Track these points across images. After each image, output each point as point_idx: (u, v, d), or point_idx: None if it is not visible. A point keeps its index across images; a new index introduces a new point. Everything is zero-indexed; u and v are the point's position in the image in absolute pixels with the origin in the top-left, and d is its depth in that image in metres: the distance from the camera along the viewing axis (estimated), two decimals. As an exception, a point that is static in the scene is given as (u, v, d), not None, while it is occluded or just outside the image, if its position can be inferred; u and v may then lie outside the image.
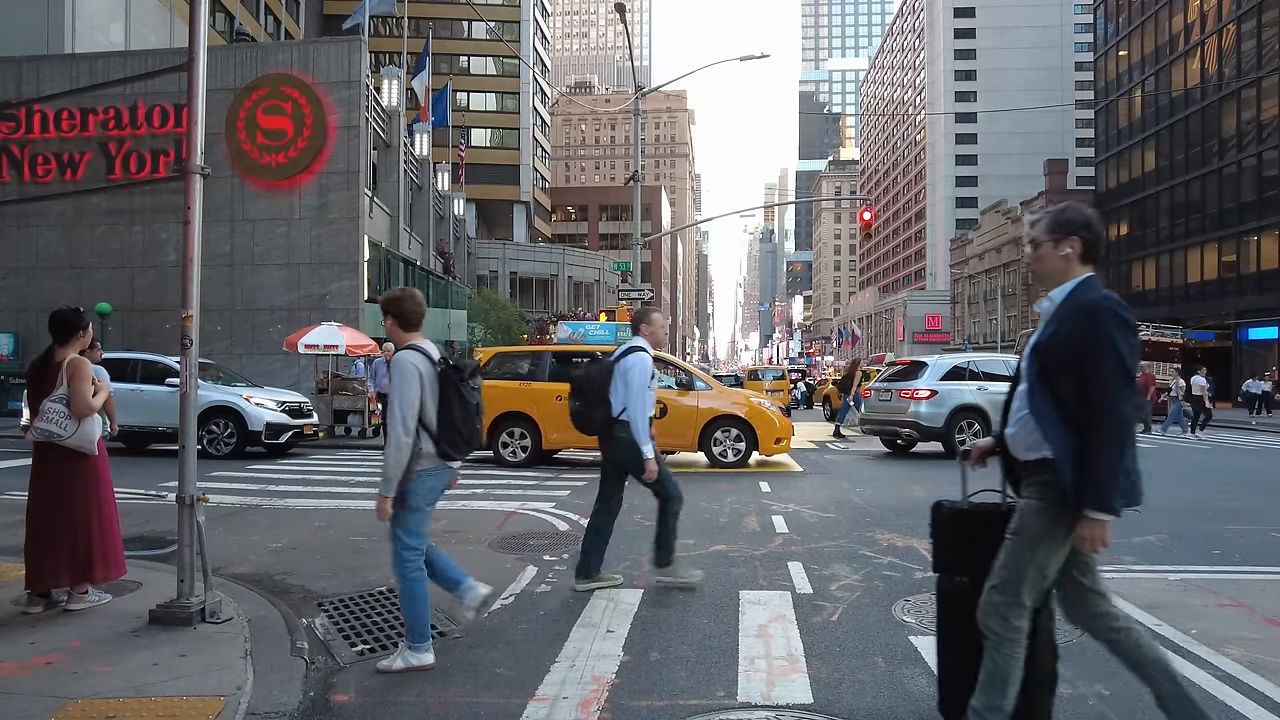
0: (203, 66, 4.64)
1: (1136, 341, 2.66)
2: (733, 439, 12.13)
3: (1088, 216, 2.82)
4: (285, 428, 13.54)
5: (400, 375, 3.88)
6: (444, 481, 4.06)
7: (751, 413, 12.26)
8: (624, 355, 5.33)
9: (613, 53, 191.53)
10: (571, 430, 12.08)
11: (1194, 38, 43.03)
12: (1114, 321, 2.63)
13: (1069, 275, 2.79)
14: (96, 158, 23.36)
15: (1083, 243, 2.78)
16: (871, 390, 15.56)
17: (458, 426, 3.94)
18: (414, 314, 4.09)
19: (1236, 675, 3.80)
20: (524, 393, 12.32)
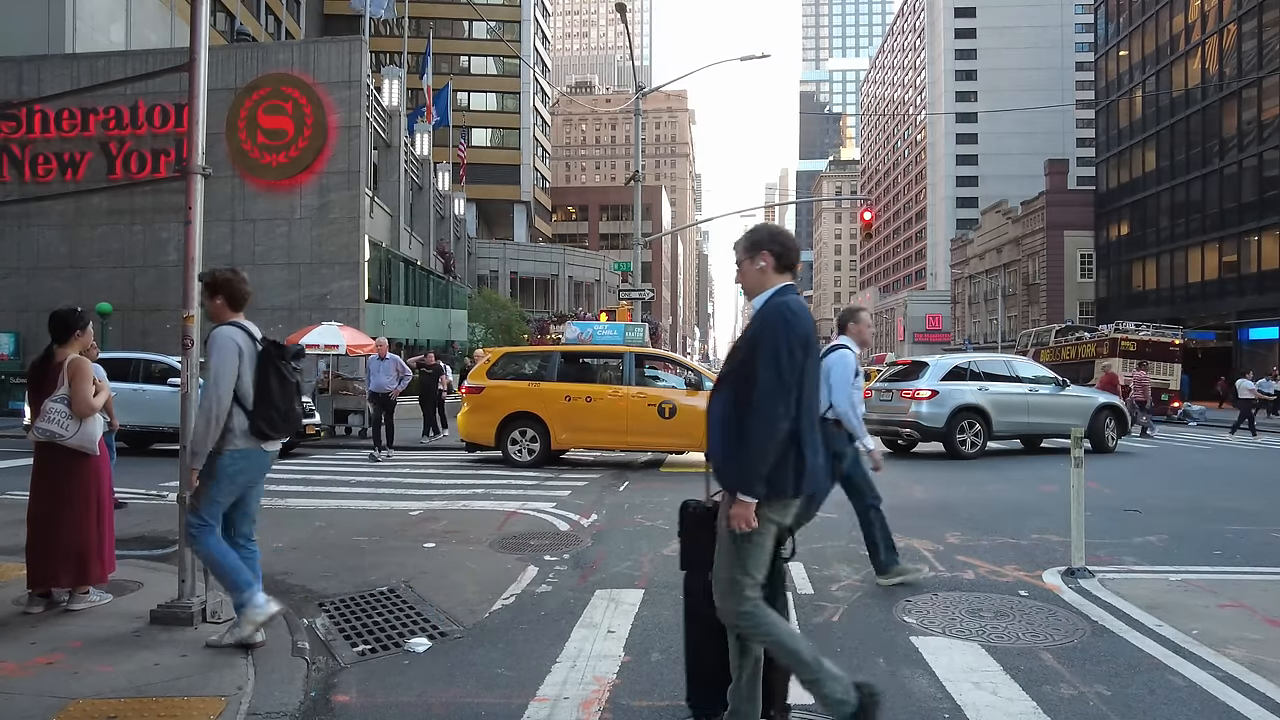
0: (204, 66, 4.64)
1: (799, 344, 2.84)
2: None
3: (774, 232, 3.09)
4: None
5: (218, 349, 3.89)
6: (256, 464, 4.05)
7: None
8: (828, 353, 5.34)
9: (613, 52, 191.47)
10: (581, 430, 12.32)
11: (1195, 38, 43.01)
12: (778, 324, 2.85)
13: (766, 285, 3.01)
14: (97, 157, 23.38)
15: (773, 255, 3.02)
16: (872, 390, 15.56)
17: (275, 404, 3.94)
18: (244, 294, 4.13)
19: (1237, 676, 3.80)
20: (533, 393, 12.30)
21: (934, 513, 8.29)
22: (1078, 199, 57.40)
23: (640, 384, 12.48)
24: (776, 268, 3.03)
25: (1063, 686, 3.70)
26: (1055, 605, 5.00)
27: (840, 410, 5.30)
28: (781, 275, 3.03)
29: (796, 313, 2.89)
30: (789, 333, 2.84)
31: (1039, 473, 11.77)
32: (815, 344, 2.96)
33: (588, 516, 8.02)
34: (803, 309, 2.94)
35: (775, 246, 3.03)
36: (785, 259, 3.04)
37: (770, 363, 2.80)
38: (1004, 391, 14.10)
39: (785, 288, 3.01)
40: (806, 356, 2.87)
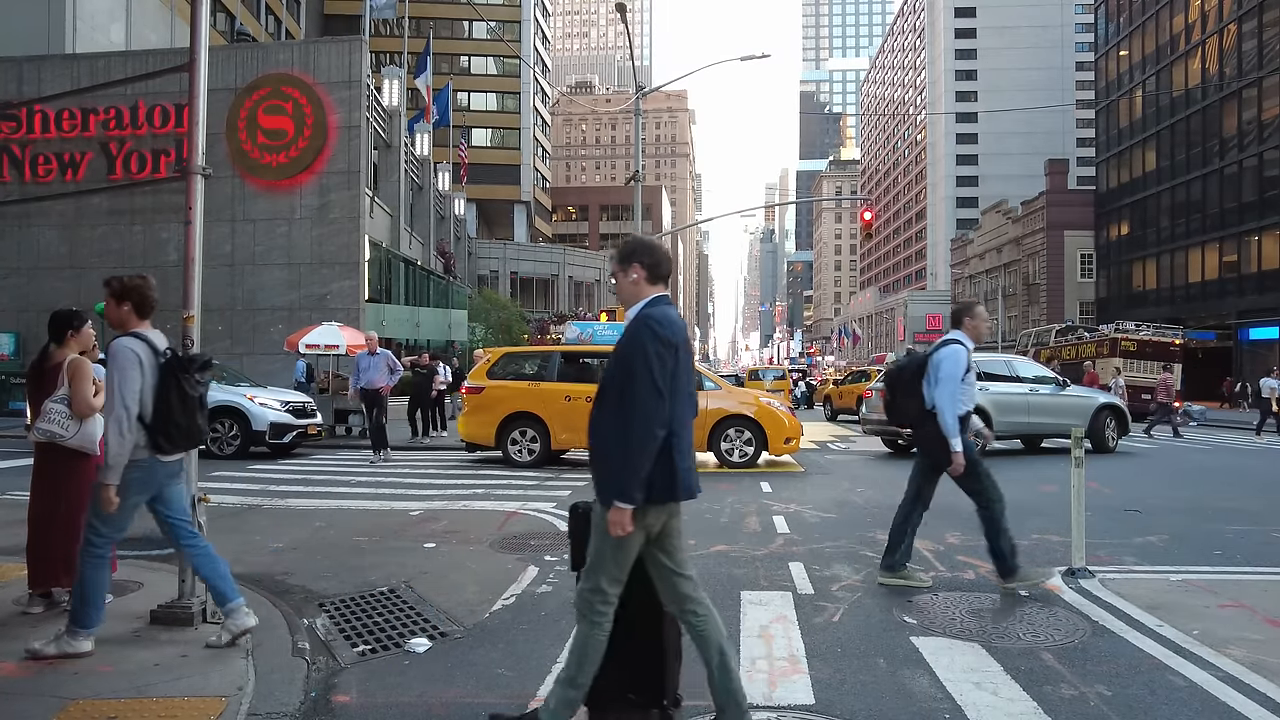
0: (204, 66, 4.64)
1: (668, 352, 2.90)
2: (742, 439, 12.10)
3: (646, 244, 3.16)
4: (289, 428, 13.49)
5: (120, 362, 3.81)
6: (157, 474, 3.99)
7: (761, 412, 12.22)
8: (940, 348, 5.31)
9: (613, 52, 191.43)
10: (581, 431, 12.17)
11: (1195, 37, 43.00)
12: (644, 334, 2.91)
13: (639, 297, 3.07)
14: (97, 158, 23.39)
15: (644, 267, 3.07)
16: (872, 390, 15.55)
17: (175, 419, 3.87)
18: (152, 302, 4.06)
19: (1238, 676, 3.80)
20: (533, 393, 12.29)
21: (934, 512, 8.23)
22: (1078, 199, 57.39)
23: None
24: (649, 279, 3.08)
25: (1063, 687, 3.70)
26: (1056, 605, 4.99)
27: (938, 406, 5.18)
28: (654, 286, 3.10)
29: (662, 322, 2.95)
30: (656, 342, 2.89)
31: (1039, 473, 11.77)
32: (685, 350, 3.01)
33: (588, 516, 8.01)
34: (668, 318, 2.99)
35: (646, 258, 3.09)
36: (657, 271, 3.09)
37: (643, 374, 2.86)
38: (1004, 391, 14.05)
39: (657, 299, 3.07)
40: (676, 364, 2.94)
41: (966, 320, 5.42)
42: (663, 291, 3.11)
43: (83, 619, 3.83)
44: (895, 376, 5.59)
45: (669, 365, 2.90)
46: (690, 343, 3.14)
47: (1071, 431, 6.01)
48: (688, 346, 3.06)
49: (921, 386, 5.33)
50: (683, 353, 2.98)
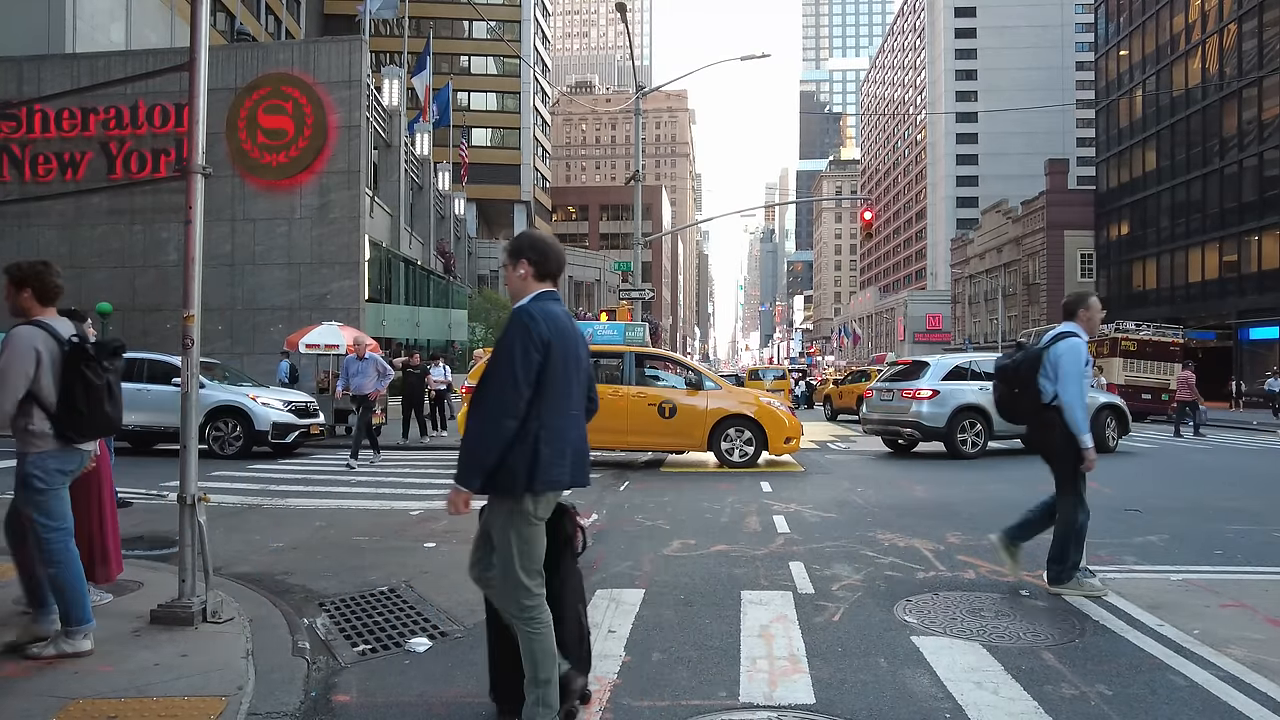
0: (204, 66, 4.64)
1: (536, 347, 2.96)
2: (742, 439, 12.08)
3: (534, 240, 3.22)
4: (292, 427, 13.48)
5: (14, 349, 3.70)
6: (70, 464, 3.93)
7: (761, 412, 12.21)
8: (1055, 341, 5.16)
9: (613, 52, 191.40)
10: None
11: (1195, 37, 42.99)
12: (517, 328, 2.98)
13: (526, 292, 3.13)
14: (97, 157, 23.39)
15: (531, 263, 3.13)
16: (873, 390, 15.55)
17: (78, 407, 3.80)
18: (56, 288, 3.95)
19: (1239, 676, 3.79)
20: None
21: (935, 512, 8.29)
22: (1078, 199, 57.38)
23: (640, 384, 12.49)
24: (536, 275, 3.13)
25: (1064, 686, 3.70)
26: (1056, 605, 4.99)
27: (1067, 402, 5.03)
28: (541, 282, 3.15)
29: (537, 317, 2.99)
30: (526, 336, 2.96)
31: (1039, 473, 11.71)
32: (563, 347, 3.04)
33: (587, 516, 8.01)
34: (547, 313, 3.03)
35: (534, 255, 3.14)
36: (544, 267, 3.14)
37: (505, 365, 2.94)
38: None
39: (541, 294, 3.12)
40: (547, 359, 2.97)
41: (1081, 312, 5.28)
42: (549, 288, 3.16)
43: (73, 617, 3.81)
44: (1010, 372, 5.36)
45: (535, 360, 2.95)
46: (579, 339, 3.19)
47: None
48: (573, 342, 3.11)
49: (1037, 382, 5.16)
50: (559, 348, 3.02)
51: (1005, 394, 5.42)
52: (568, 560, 3.32)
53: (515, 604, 3.02)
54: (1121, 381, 25.66)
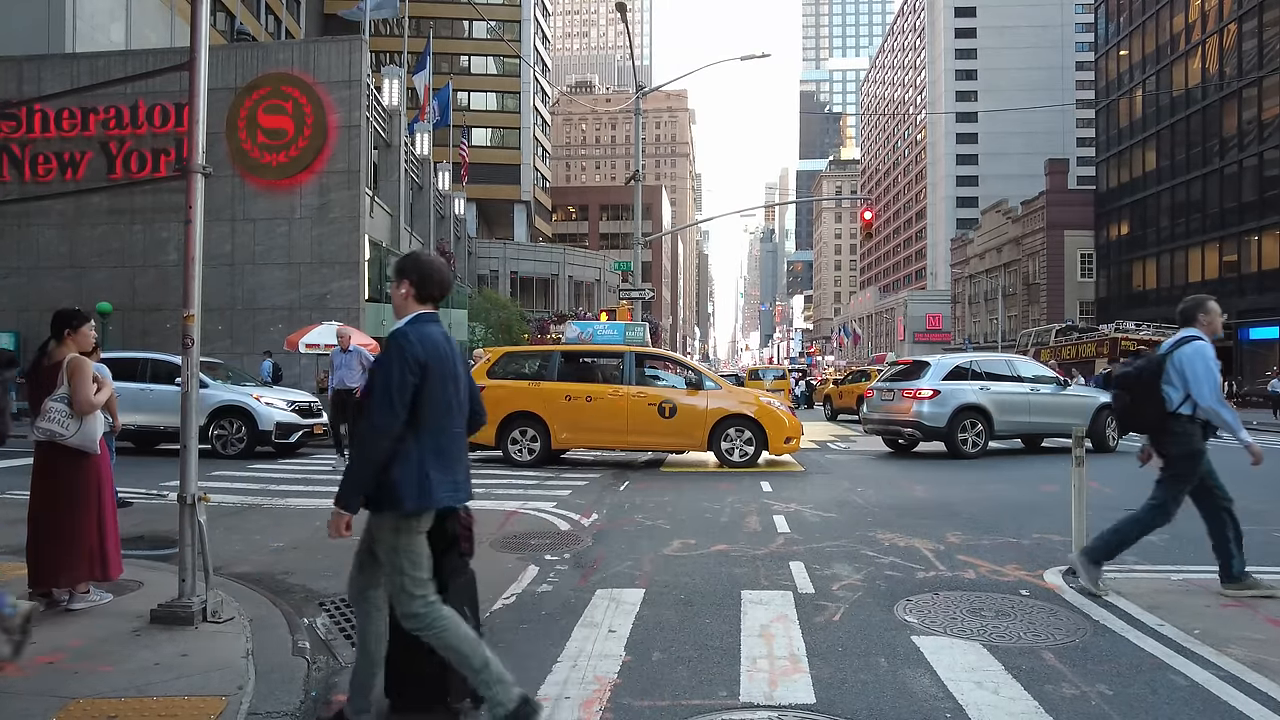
0: (204, 66, 4.63)
1: (412, 370, 3.02)
2: (743, 439, 12.07)
3: (418, 261, 3.26)
4: (295, 427, 13.44)
5: None
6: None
7: (761, 412, 12.19)
8: (1177, 346, 5.05)
9: (613, 52, 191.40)
10: (581, 430, 12.36)
11: (1195, 37, 43.00)
12: (393, 350, 3.04)
13: (405, 312, 3.20)
14: (97, 157, 23.37)
15: (411, 284, 3.19)
16: (874, 390, 15.56)
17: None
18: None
19: (1239, 675, 3.79)
20: (533, 392, 12.29)
21: (935, 512, 8.28)
22: (1078, 199, 57.39)
23: (640, 383, 12.48)
24: (416, 297, 3.19)
25: (1064, 686, 3.69)
26: (1057, 604, 4.99)
27: (1207, 407, 4.92)
28: (421, 305, 3.20)
29: (412, 339, 3.05)
30: (402, 359, 3.01)
31: (1040, 472, 11.77)
32: (440, 368, 3.10)
33: (588, 516, 8.01)
34: (424, 336, 3.09)
35: (415, 275, 3.19)
36: (424, 289, 3.19)
37: (381, 389, 2.99)
38: (1006, 391, 14.06)
39: (419, 316, 3.17)
40: (424, 380, 3.04)
41: (1200, 316, 5.18)
42: (428, 310, 3.23)
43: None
44: (1133, 380, 5.19)
45: (410, 382, 3.01)
46: (457, 358, 3.25)
47: (1073, 431, 6.01)
48: (450, 362, 3.17)
49: (1160, 389, 5.04)
50: (436, 369, 3.08)
51: (1127, 404, 5.25)
52: (454, 560, 3.38)
53: (412, 615, 3.08)
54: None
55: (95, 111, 23.17)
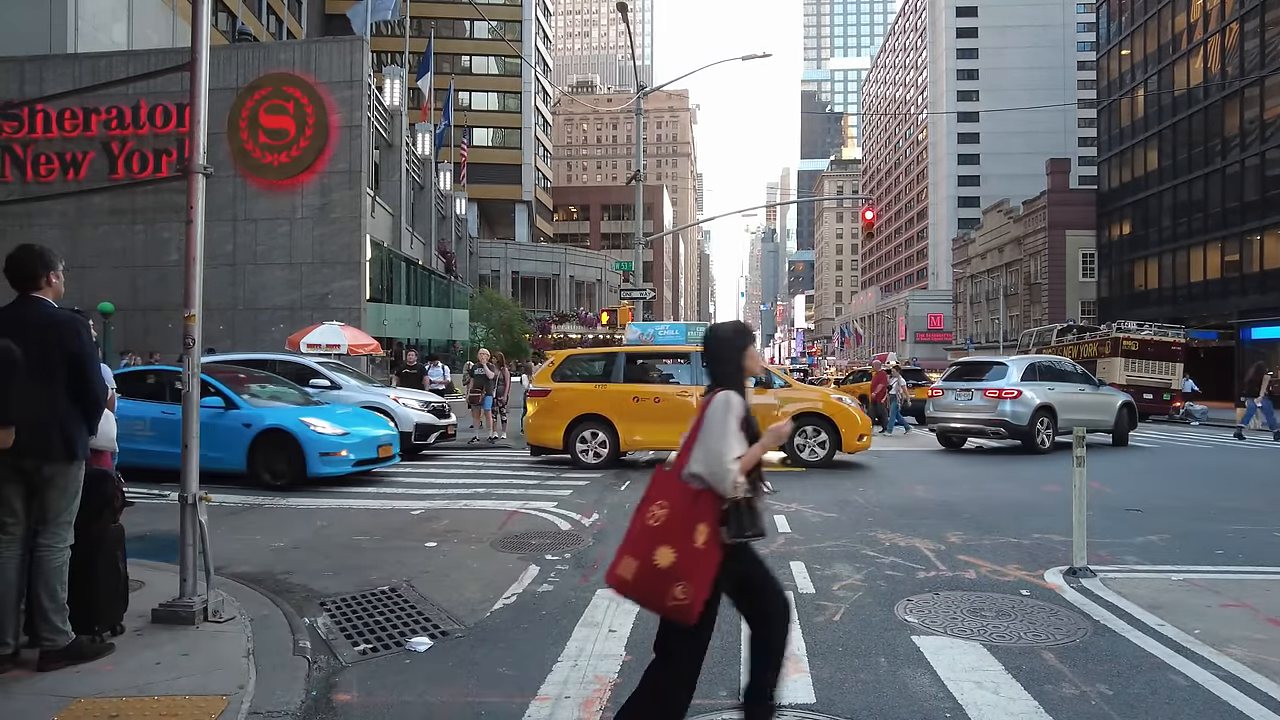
0: (205, 66, 4.64)
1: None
2: (816, 438, 11.99)
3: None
4: (433, 428, 12.93)
5: None
6: None
7: (834, 409, 12.10)
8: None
9: (614, 52, 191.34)
10: (650, 432, 12.17)
11: (1196, 37, 42.94)
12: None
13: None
14: (99, 157, 23.41)
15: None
16: (943, 389, 15.80)
17: None
18: None
19: (1240, 675, 3.79)
20: (600, 395, 12.16)
21: (936, 512, 8.28)
22: (1079, 198, 57.31)
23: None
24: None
25: (1065, 686, 3.70)
26: (1057, 605, 4.99)
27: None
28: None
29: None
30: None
31: (1041, 472, 11.76)
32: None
33: (589, 516, 8.02)
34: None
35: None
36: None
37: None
38: (1065, 390, 15.02)
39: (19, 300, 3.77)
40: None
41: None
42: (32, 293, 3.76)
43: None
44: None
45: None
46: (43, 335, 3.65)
47: (1074, 430, 6.02)
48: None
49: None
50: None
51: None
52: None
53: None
54: (1123, 381, 25.61)
55: (97, 112, 23.21)
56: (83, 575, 3.89)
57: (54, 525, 3.69)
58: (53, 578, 3.66)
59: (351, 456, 9.81)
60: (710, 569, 2.71)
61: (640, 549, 2.71)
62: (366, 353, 17.95)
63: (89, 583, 3.94)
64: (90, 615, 3.93)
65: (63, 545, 3.71)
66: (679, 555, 2.66)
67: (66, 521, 3.75)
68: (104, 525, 4.10)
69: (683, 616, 2.69)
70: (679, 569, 2.66)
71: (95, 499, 4.02)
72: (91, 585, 3.96)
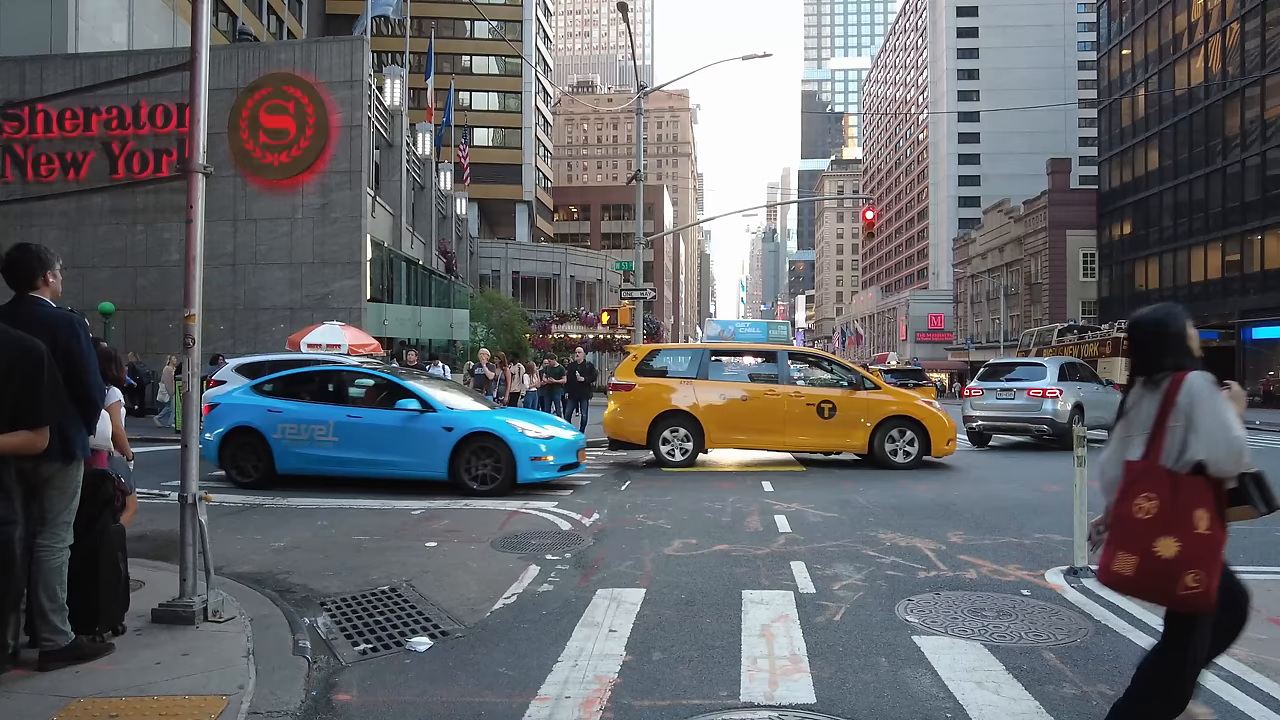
0: (205, 66, 4.64)
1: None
2: (905, 440, 11.89)
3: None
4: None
5: None
6: None
7: (923, 412, 12.01)
8: None
9: (615, 52, 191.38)
10: (736, 430, 12.15)
11: (1197, 36, 42.94)
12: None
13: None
14: (99, 157, 23.41)
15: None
16: (981, 389, 16.19)
17: None
18: None
19: (1241, 675, 3.79)
20: (686, 391, 12.09)
21: (936, 512, 8.28)
22: (1080, 198, 57.32)
23: (795, 383, 12.29)
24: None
25: (1066, 686, 3.69)
26: (1058, 604, 4.99)
27: None
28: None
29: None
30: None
31: (1041, 472, 11.75)
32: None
33: (589, 516, 8.02)
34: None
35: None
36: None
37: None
38: (1091, 389, 15.93)
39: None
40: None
41: None
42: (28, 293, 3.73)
43: None
44: None
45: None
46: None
47: (1074, 430, 6.01)
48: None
49: None
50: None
51: None
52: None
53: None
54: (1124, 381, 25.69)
55: (97, 112, 23.21)
56: (84, 575, 3.89)
57: (53, 525, 3.69)
58: (52, 578, 3.65)
59: (556, 461, 9.45)
60: (1218, 552, 2.74)
61: (1135, 544, 2.71)
62: (367, 353, 17.90)
63: (90, 583, 3.94)
64: (91, 615, 3.93)
65: (62, 545, 3.71)
66: (1183, 544, 2.67)
67: (65, 522, 3.74)
68: (105, 525, 4.10)
69: (1199, 604, 2.71)
70: (1186, 557, 2.67)
71: (95, 499, 4.02)
72: (93, 585, 3.95)
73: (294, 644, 4.10)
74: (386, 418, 9.44)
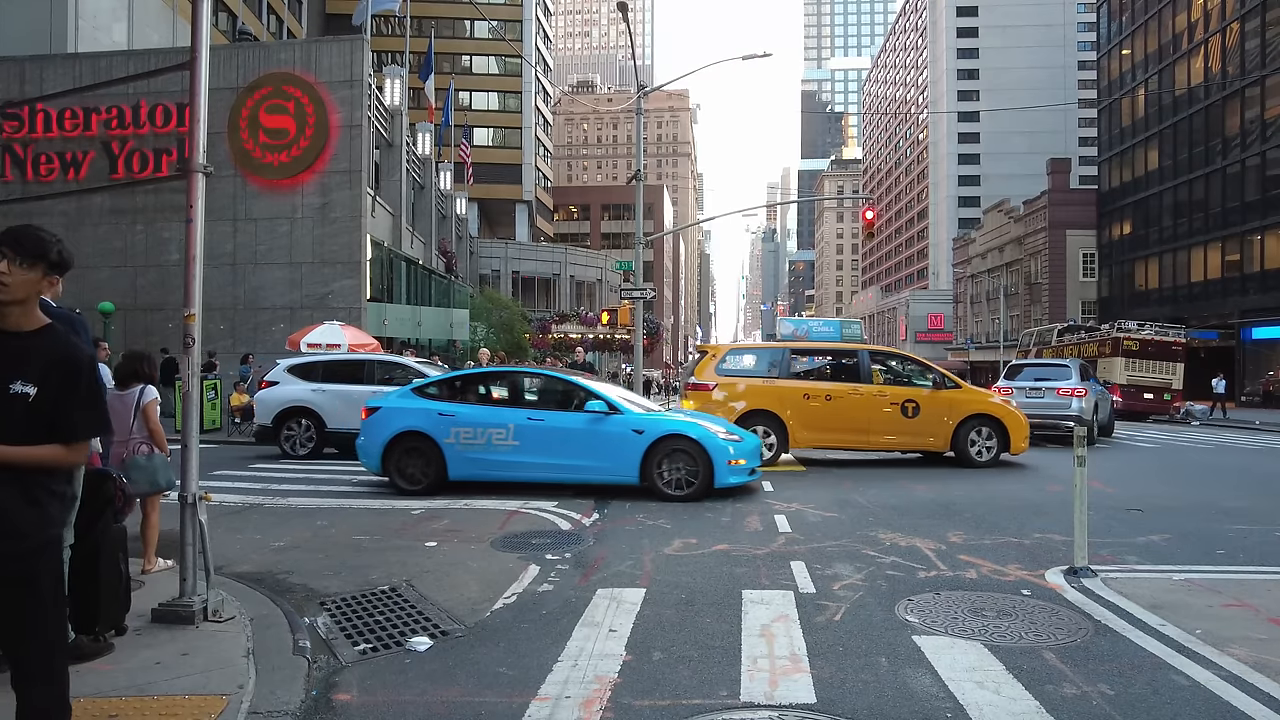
0: (205, 65, 4.64)
1: None
2: (985, 438, 12.00)
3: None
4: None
5: None
6: None
7: (1004, 412, 12.13)
8: None
9: (615, 51, 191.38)
10: (821, 430, 12.15)
11: (1197, 36, 42.93)
12: None
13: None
14: (99, 157, 23.40)
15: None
16: (1009, 388, 16.67)
17: None
18: None
19: (1241, 675, 3.79)
20: (769, 391, 12.05)
21: (936, 512, 8.28)
22: (1080, 198, 57.31)
23: (876, 382, 12.27)
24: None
25: (1066, 686, 3.69)
26: (1058, 604, 4.99)
27: None
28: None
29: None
30: None
31: (1041, 472, 11.75)
32: None
33: (589, 515, 8.01)
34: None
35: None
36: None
37: None
38: (1096, 389, 17.29)
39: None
40: None
41: None
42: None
43: None
44: None
45: None
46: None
47: (1074, 430, 6.02)
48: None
49: None
50: None
51: None
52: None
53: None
54: (1124, 381, 25.63)
55: (97, 111, 23.19)
56: (84, 576, 3.89)
57: None
58: None
59: (747, 464, 9.14)
60: None
61: None
62: (366, 353, 17.90)
63: (90, 583, 3.94)
64: (92, 615, 3.93)
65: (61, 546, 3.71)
66: None
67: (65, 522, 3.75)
68: (105, 525, 4.10)
69: None
70: None
71: (96, 499, 4.02)
72: (93, 585, 3.95)
73: (294, 644, 4.10)
74: (571, 420, 9.09)
